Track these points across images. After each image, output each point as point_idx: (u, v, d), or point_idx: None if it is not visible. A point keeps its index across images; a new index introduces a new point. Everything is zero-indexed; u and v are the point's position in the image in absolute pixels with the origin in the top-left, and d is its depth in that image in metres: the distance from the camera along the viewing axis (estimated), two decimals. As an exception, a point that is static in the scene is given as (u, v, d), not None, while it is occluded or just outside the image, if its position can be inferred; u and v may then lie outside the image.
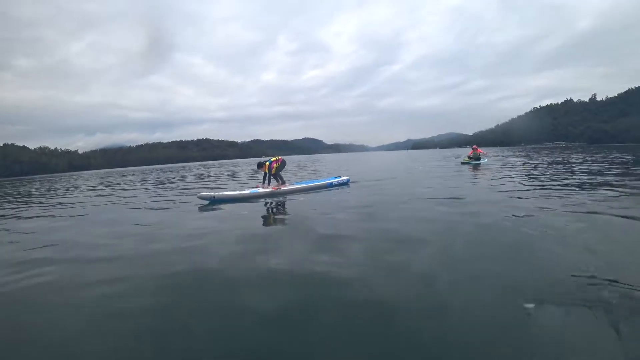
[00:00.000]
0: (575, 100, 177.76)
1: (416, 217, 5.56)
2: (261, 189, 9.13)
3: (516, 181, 9.87)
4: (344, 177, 11.13)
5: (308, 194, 9.15)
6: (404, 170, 17.12)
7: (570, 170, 12.88)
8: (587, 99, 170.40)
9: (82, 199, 12.41)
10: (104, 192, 14.80)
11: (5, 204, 12.97)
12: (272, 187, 9.22)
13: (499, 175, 12.07)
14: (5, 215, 9.29)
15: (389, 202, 7.17)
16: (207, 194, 8.52)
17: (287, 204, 7.75)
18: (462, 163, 19.55)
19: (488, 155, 22.72)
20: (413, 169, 18.24)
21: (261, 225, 5.73)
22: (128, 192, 14.11)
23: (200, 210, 7.45)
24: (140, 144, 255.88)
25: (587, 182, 8.85)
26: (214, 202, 8.31)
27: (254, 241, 4.62)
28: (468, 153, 20.85)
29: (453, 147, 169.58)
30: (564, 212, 5.30)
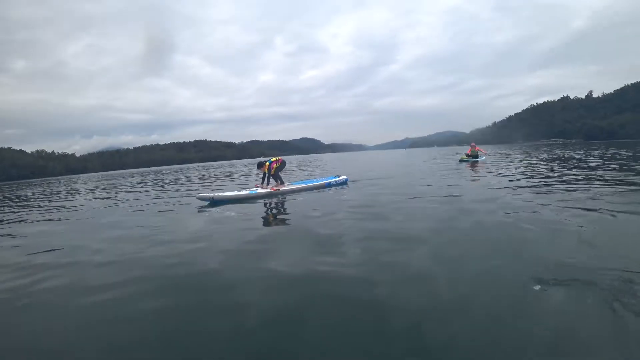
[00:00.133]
0: (571, 97, 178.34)
1: (415, 215, 5.58)
2: (260, 190, 9.13)
3: (514, 178, 9.92)
4: (343, 177, 11.14)
5: (307, 194, 9.16)
6: (402, 169, 17.14)
7: (568, 167, 12.94)
8: (583, 96, 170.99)
9: (81, 202, 12.38)
10: (103, 195, 14.78)
11: (6, 208, 12.93)
12: (271, 188, 9.23)
13: (497, 172, 12.12)
14: (7, 220, 9.26)
15: (388, 201, 7.18)
16: (206, 195, 8.52)
17: (286, 204, 7.76)
18: (460, 161, 19.60)
19: (486, 154, 22.77)
20: (411, 167, 18.26)
21: (261, 226, 5.73)
22: (127, 194, 14.09)
23: (200, 211, 7.45)
24: (137, 146, 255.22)
25: (585, 178, 8.89)
26: (213, 203, 8.31)
27: (254, 242, 4.62)
28: (467, 151, 20.91)
29: (451, 145, 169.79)
30: (561, 207, 5.34)
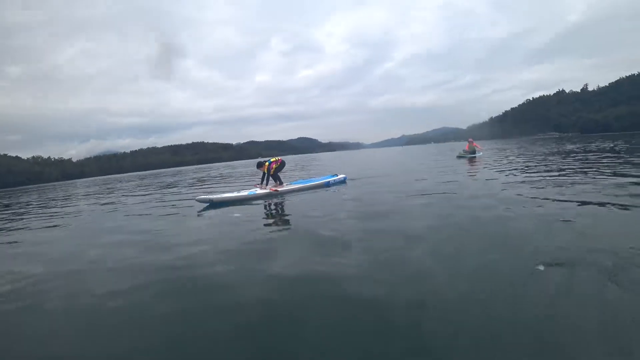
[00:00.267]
0: (567, 91, 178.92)
1: (415, 213, 5.62)
2: (259, 190, 9.13)
3: (511, 173, 9.95)
4: (341, 176, 11.17)
5: (306, 193, 9.16)
6: (400, 167, 17.17)
7: (564, 161, 13.00)
8: (579, 90, 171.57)
9: (81, 208, 12.38)
10: (103, 200, 14.73)
11: (6, 215, 12.88)
12: (270, 188, 9.23)
13: (494, 168, 12.17)
14: (7, 228, 9.24)
15: (387, 199, 7.22)
16: (205, 197, 8.52)
17: (285, 204, 7.77)
18: (458, 157, 19.66)
19: (483, 149, 22.89)
20: (408, 164, 18.30)
21: (261, 227, 5.72)
22: (127, 199, 14.05)
23: (200, 214, 7.45)
24: (134, 149, 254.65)
25: (580, 172, 8.94)
26: (212, 205, 8.30)
27: (255, 243, 4.63)
28: (464, 147, 20.96)
29: (448, 142, 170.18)
30: (558, 200, 5.39)
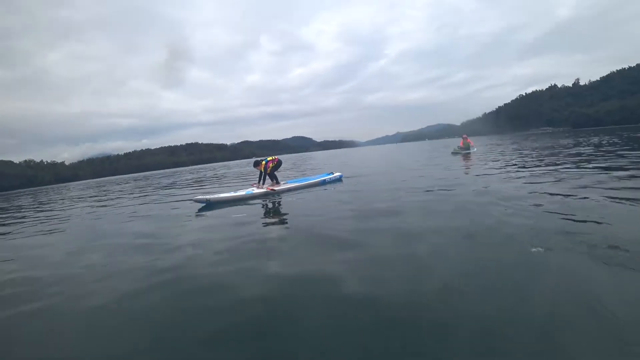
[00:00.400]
0: (559, 85, 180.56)
1: (412, 210, 5.65)
2: (256, 190, 9.14)
3: (506, 168, 10.06)
4: (337, 174, 11.23)
5: (303, 192, 9.18)
6: (395, 164, 17.23)
7: (558, 154, 13.15)
8: (570, 84, 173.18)
9: (78, 211, 12.27)
10: (99, 203, 14.64)
11: (4, 219, 12.76)
12: (267, 187, 9.24)
13: (489, 163, 12.27)
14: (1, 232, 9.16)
15: (384, 197, 7.25)
16: (202, 197, 8.50)
17: (282, 203, 7.78)
18: (453, 153, 19.80)
19: (477, 146, 23.11)
20: (404, 162, 18.37)
21: (258, 227, 5.69)
22: (122, 201, 13.97)
23: (197, 214, 7.43)
24: (127, 151, 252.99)
25: (572, 165, 9.05)
26: (209, 205, 8.30)
27: (252, 243, 4.63)
28: (459, 143, 21.13)
29: (442, 138, 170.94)
30: (554, 194, 5.47)
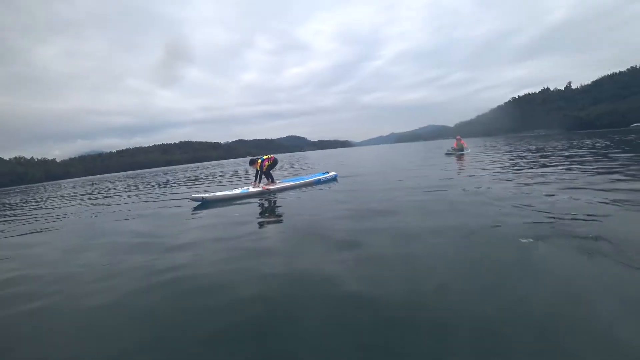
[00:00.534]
0: (552, 89, 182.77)
1: (407, 209, 5.69)
2: (252, 188, 9.16)
3: (499, 169, 10.16)
4: (332, 173, 11.29)
5: (298, 191, 9.20)
6: (389, 165, 17.31)
7: (551, 156, 13.32)
8: (563, 88, 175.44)
9: (71, 209, 12.16)
10: (92, 201, 14.52)
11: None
12: (263, 186, 9.26)
13: (484, 164, 12.38)
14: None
15: (378, 196, 7.29)
16: (199, 195, 8.50)
17: (278, 202, 7.79)
18: (447, 154, 19.96)
19: (470, 147, 23.38)
20: (399, 162, 18.45)
21: (254, 226, 5.67)
22: (116, 199, 13.87)
23: (194, 213, 7.41)
24: (120, 149, 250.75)
25: (565, 167, 9.20)
26: (206, 203, 8.30)
27: (249, 242, 4.64)
28: (452, 144, 21.31)
29: (436, 139, 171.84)
30: (546, 194, 5.56)
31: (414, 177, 10.02)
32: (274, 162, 10.00)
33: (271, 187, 9.35)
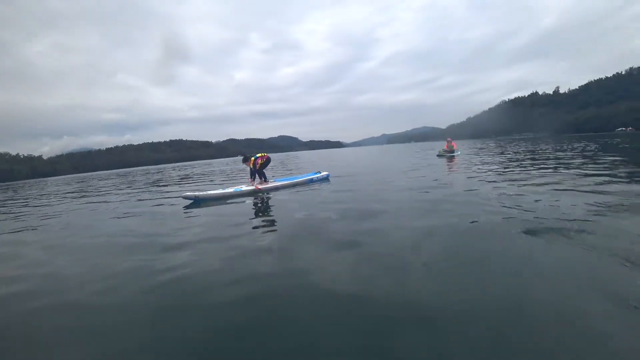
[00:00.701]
0: (540, 93, 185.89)
1: (399, 209, 5.76)
2: (244, 187, 9.16)
3: (488, 170, 10.32)
4: (324, 173, 11.37)
5: (291, 190, 9.23)
6: (381, 165, 17.42)
7: (539, 158, 13.56)
8: (551, 92, 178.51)
9: (60, 208, 11.98)
10: (82, 200, 14.31)
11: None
12: (255, 185, 9.26)
13: (474, 166, 12.55)
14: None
15: (370, 196, 7.37)
16: (191, 193, 8.48)
17: (270, 201, 7.80)
18: (438, 156, 20.16)
19: (460, 149, 23.72)
20: (391, 163, 18.59)
21: (247, 225, 5.67)
22: (107, 197, 13.70)
23: (185, 212, 7.37)
24: (109, 146, 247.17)
25: (551, 167, 9.39)
26: (197, 201, 8.27)
27: (240, 242, 4.64)
28: (443, 146, 21.54)
29: (427, 141, 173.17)
30: (535, 193, 5.70)
31: (406, 178, 10.12)
32: (267, 161, 10.01)
33: (263, 186, 9.37)
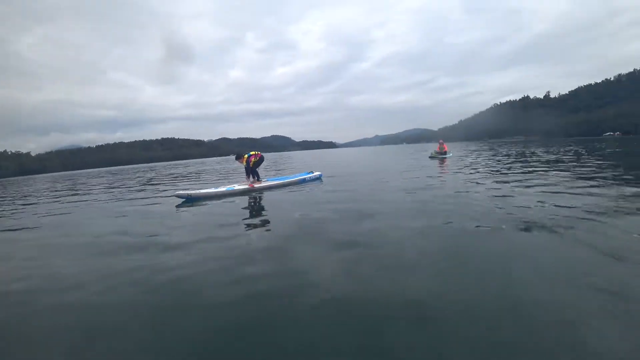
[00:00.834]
0: (531, 97, 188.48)
1: (392, 209, 5.82)
2: (237, 186, 9.16)
3: (478, 172, 10.46)
4: (317, 173, 11.42)
5: (284, 190, 9.23)
6: (374, 166, 17.52)
7: (529, 161, 13.77)
8: (542, 96, 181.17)
9: (50, 207, 11.83)
10: (72, 198, 14.13)
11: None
12: (249, 184, 9.26)
13: (465, 168, 12.70)
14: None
15: (362, 196, 7.43)
16: (183, 192, 8.44)
17: (263, 201, 7.80)
18: (430, 157, 20.34)
19: (452, 151, 24.04)
20: (383, 163, 18.70)
21: (239, 225, 5.64)
22: (99, 195, 13.57)
23: (178, 210, 7.33)
24: (100, 144, 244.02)
25: (543, 170, 9.56)
26: (190, 200, 8.24)
27: (233, 242, 4.63)
28: (435, 148, 21.74)
29: (420, 143, 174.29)
30: (523, 194, 5.81)
31: (399, 179, 10.21)
32: (261, 159, 9.98)
33: (257, 185, 9.36)
